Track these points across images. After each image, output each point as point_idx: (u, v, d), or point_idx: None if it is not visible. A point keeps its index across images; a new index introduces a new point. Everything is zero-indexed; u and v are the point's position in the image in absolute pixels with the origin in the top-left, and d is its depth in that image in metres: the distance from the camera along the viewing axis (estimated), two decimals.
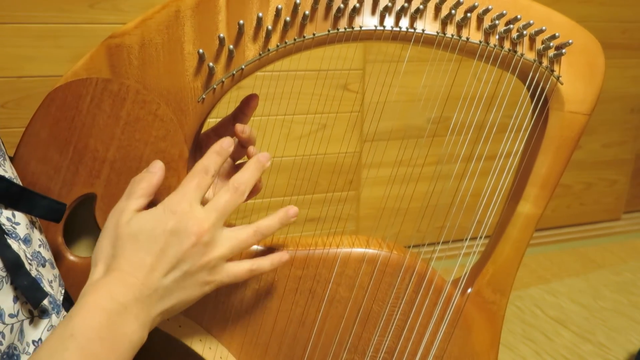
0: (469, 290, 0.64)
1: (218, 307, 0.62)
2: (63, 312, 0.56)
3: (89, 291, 0.49)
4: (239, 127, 0.61)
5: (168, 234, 0.51)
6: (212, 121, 0.62)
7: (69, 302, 0.57)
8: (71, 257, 0.60)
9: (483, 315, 0.65)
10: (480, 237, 0.63)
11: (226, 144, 0.55)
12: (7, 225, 0.51)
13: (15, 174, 0.56)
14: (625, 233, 2.07)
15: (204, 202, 0.54)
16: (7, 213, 0.52)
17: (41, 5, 1.23)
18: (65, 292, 0.57)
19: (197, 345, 0.62)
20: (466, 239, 0.62)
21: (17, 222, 0.53)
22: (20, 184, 0.56)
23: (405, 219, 0.73)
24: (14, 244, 0.50)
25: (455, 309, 0.64)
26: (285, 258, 0.59)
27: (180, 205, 0.52)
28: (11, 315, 0.49)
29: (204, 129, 0.64)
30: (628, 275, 1.73)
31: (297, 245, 0.63)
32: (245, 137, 0.61)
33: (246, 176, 0.55)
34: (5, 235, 0.50)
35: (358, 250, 0.62)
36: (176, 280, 0.51)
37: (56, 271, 0.57)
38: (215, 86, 0.56)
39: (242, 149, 0.64)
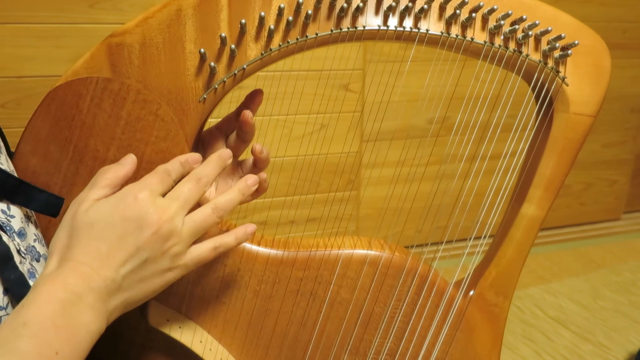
0: (471, 292, 0.64)
1: (219, 308, 0.62)
2: None
3: (42, 282, 0.47)
4: (246, 114, 0.59)
5: (127, 220, 0.49)
6: (213, 121, 0.61)
7: None
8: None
9: (485, 318, 0.65)
10: (484, 237, 0.62)
11: (192, 159, 0.54)
12: (2, 218, 0.51)
13: (12, 168, 0.56)
14: (625, 233, 2.07)
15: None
16: (1, 205, 0.52)
17: (41, 5, 1.23)
18: None
19: (197, 346, 0.61)
20: (469, 239, 0.62)
21: (12, 215, 0.52)
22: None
23: (407, 219, 0.73)
24: (4, 237, 0.50)
25: (458, 311, 0.63)
26: (250, 229, 0.56)
27: (141, 193, 0.50)
28: (0, 308, 0.48)
29: (205, 128, 0.63)
30: (628, 275, 1.73)
31: (299, 247, 0.62)
32: (250, 129, 0.61)
33: (208, 170, 0.54)
34: None
35: (360, 251, 0.62)
36: (134, 270, 0.49)
37: None
38: (216, 86, 0.55)
39: (241, 144, 0.64)
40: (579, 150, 0.60)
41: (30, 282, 0.51)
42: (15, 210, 0.53)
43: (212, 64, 0.54)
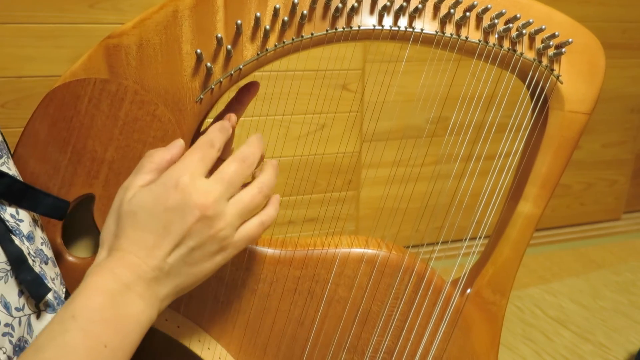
0: (469, 290, 0.64)
1: (217, 307, 0.62)
2: None
3: (92, 272, 0.47)
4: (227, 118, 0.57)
5: (170, 210, 0.47)
6: (210, 121, 0.61)
7: None
8: (70, 258, 0.60)
9: (483, 316, 0.65)
10: (480, 237, 0.63)
11: (227, 124, 0.53)
12: (11, 222, 0.52)
13: (17, 172, 0.56)
14: (625, 233, 2.07)
15: None
16: (10, 210, 0.52)
17: (41, 5, 1.23)
18: (67, 291, 0.57)
19: (196, 346, 0.62)
20: (465, 239, 0.62)
21: (21, 219, 0.53)
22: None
23: (404, 219, 0.73)
24: (16, 240, 0.50)
25: (455, 309, 0.64)
26: (278, 198, 0.55)
27: (182, 178, 0.48)
28: (17, 309, 0.49)
29: (204, 129, 0.64)
30: (628, 275, 1.73)
31: (296, 245, 0.62)
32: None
33: (252, 149, 0.52)
34: (8, 231, 0.50)
35: (357, 250, 0.62)
36: (182, 257, 0.48)
37: (57, 269, 0.57)
38: (213, 86, 0.55)
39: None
40: (575, 147, 0.61)
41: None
42: (23, 214, 0.54)
43: (209, 64, 0.54)
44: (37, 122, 0.58)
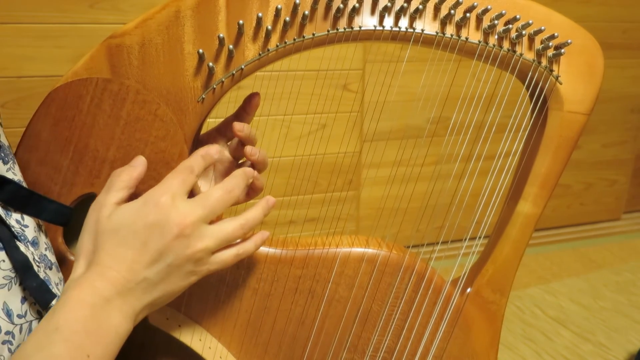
0: (469, 290, 0.64)
1: (218, 306, 0.62)
2: None
3: (72, 286, 0.48)
4: (237, 125, 0.60)
5: (149, 227, 0.50)
6: (211, 121, 0.62)
7: None
8: (72, 257, 0.60)
9: (482, 315, 0.65)
10: (480, 237, 0.63)
11: (213, 151, 0.55)
12: (16, 228, 0.52)
13: (22, 177, 0.57)
14: (625, 233, 2.07)
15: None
16: (16, 216, 0.53)
17: (41, 5, 1.23)
18: None
19: (197, 344, 0.62)
20: (465, 239, 0.62)
21: (26, 224, 0.53)
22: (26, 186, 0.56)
23: (405, 218, 0.73)
24: (21, 247, 0.51)
25: (455, 308, 0.64)
26: (265, 236, 0.58)
27: (163, 197, 0.50)
28: (19, 316, 0.49)
29: (205, 129, 0.64)
30: (628, 275, 1.73)
31: (297, 245, 0.63)
32: (244, 136, 0.61)
33: (238, 181, 0.55)
34: (14, 238, 0.50)
35: (357, 249, 0.62)
36: (159, 273, 0.50)
37: (60, 274, 0.57)
38: (215, 86, 0.56)
39: (242, 147, 0.64)
40: (574, 148, 0.61)
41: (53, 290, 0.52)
42: (28, 219, 0.54)
43: (211, 64, 0.55)
44: (39, 122, 0.58)
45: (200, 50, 0.54)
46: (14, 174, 0.54)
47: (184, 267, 0.51)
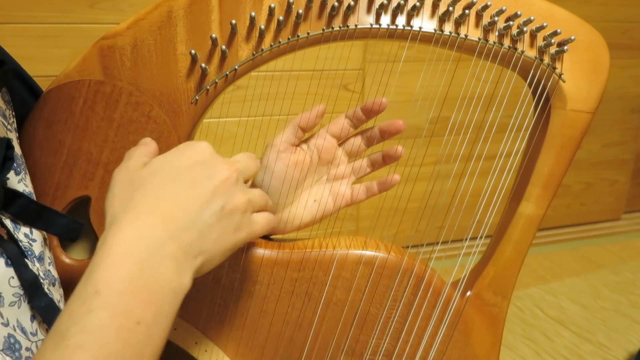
0: (469, 292, 0.63)
1: (214, 310, 0.61)
2: None
3: (110, 235, 0.40)
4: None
5: (196, 165, 0.45)
6: (206, 122, 0.61)
7: None
8: (66, 260, 0.60)
9: (483, 318, 0.64)
10: (480, 237, 0.62)
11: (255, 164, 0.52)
12: (24, 242, 0.51)
13: (33, 189, 0.56)
14: (625, 233, 2.07)
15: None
16: (24, 229, 0.52)
17: (41, 5, 1.23)
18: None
19: (193, 349, 0.61)
20: (466, 239, 0.61)
21: (34, 239, 0.53)
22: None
23: (404, 219, 0.73)
24: (29, 264, 0.50)
25: (455, 311, 0.63)
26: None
27: (201, 143, 0.47)
28: (32, 334, 0.49)
29: (201, 130, 0.63)
30: (628, 275, 1.73)
31: (293, 247, 0.62)
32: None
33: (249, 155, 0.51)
34: (22, 255, 0.49)
35: (355, 252, 0.62)
36: (213, 215, 0.43)
37: (61, 291, 0.57)
38: (208, 87, 0.55)
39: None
40: (578, 147, 0.60)
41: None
42: (37, 234, 0.53)
43: (204, 65, 0.54)
44: (32, 125, 0.57)
45: (193, 51, 0.53)
46: (25, 185, 0.54)
47: (233, 215, 0.45)
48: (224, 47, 0.54)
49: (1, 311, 0.46)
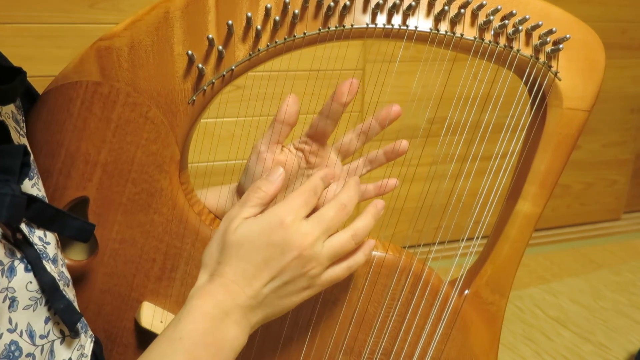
0: (467, 291, 0.64)
1: None
2: (90, 332, 0.57)
3: (196, 295, 0.51)
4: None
5: (272, 245, 0.52)
6: (204, 122, 0.61)
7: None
8: (65, 261, 0.60)
9: (481, 317, 0.64)
10: (478, 237, 0.62)
11: (331, 173, 0.57)
12: (39, 245, 0.51)
13: (45, 193, 0.56)
14: (625, 233, 2.06)
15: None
16: (39, 232, 0.52)
17: (41, 5, 1.23)
18: None
19: None
20: (463, 239, 0.61)
21: (48, 241, 0.53)
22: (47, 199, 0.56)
23: (401, 219, 0.73)
24: (47, 266, 0.50)
25: (453, 309, 0.63)
26: (373, 244, 0.59)
27: (287, 217, 0.52)
28: (42, 337, 0.49)
29: (199, 130, 0.63)
30: (628, 275, 1.73)
31: None
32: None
33: (350, 194, 0.56)
34: (40, 259, 0.50)
35: None
36: (275, 290, 0.52)
37: (74, 291, 0.57)
38: (205, 87, 0.55)
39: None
40: (574, 145, 0.60)
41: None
42: (50, 236, 0.54)
43: (200, 65, 0.54)
44: (30, 126, 0.57)
45: (190, 52, 0.54)
46: (39, 189, 0.54)
47: (298, 283, 0.53)
48: (220, 47, 0.54)
49: (11, 316, 0.47)
